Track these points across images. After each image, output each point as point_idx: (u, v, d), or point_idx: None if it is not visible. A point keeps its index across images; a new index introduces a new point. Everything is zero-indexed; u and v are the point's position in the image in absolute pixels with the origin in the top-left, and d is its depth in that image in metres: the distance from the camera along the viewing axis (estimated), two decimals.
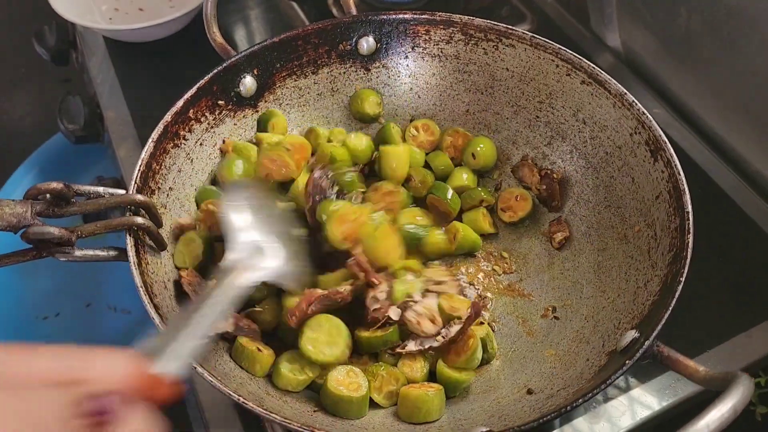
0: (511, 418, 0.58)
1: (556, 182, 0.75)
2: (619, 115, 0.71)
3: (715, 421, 0.41)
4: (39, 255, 0.60)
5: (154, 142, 0.69)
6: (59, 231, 0.57)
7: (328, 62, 0.82)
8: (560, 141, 0.77)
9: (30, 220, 0.56)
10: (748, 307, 0.75)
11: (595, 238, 0.72)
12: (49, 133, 1.30)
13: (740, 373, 0.46)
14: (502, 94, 0.81)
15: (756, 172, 0.86)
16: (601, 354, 0.60)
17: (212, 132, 0.76)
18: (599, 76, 0.72)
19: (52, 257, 0.60)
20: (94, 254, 0.62)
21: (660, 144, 0.66)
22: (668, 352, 0.53)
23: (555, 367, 0.64)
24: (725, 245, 0.80)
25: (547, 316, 0.70)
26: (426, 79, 0.83)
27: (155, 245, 0.66)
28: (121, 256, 0.62)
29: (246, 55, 0.76)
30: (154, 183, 0.69)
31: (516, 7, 1.10)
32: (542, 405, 0.58)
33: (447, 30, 0.80)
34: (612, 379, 0.52)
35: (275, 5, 1.15)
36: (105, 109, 1.00)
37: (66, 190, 0.59)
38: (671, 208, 0.64)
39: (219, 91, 0.76)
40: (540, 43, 0.76)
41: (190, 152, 0.74)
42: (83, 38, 1.11)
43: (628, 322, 0.61)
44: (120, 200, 0.62)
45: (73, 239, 0.58)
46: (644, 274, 0.64)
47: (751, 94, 0.82)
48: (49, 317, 1.18)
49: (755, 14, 0.76)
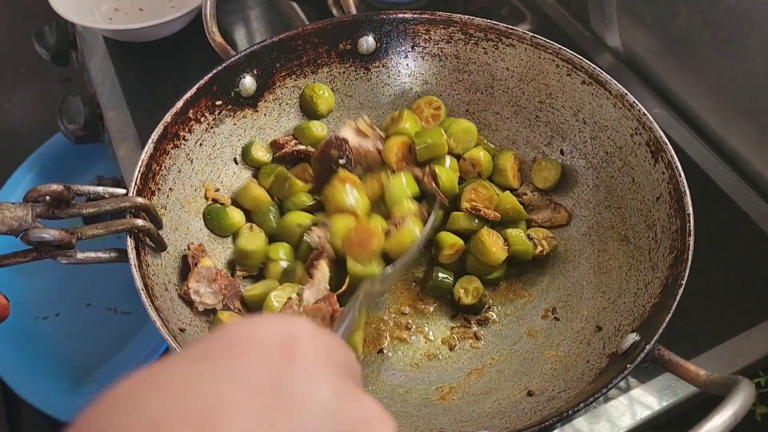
0: (513, 420, 0.58)
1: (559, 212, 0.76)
2: (620, 116, 0.71)
3: (718, 427, 0.41)
4: (40, 256, 0.60)
5: (154, 143, 0.69)
6: (59, 234, 0.57)
7: (327, 62, 0.82)
8: (560, 141, 0.77)
9: (30, 222, 0.56)
10: (748, 307, 0.75)
11: (596, 238, 0.72)
12: (49, 133, 1.30)
13: (741, 378, 0.46)
14: (502, 94, 0.80)
15: (756, 172, 0.86)
16: (601, 356, 0.60)
17: (212, 132, 0.76)
18: (600, 77, 0.72)
19: (53, 260, 0.60)
20: (96, 256, 0.62)
21: (661, 145, 0.66)
22: (669, 356, 0.53)
23: (555, 369, 0.64)
24: (725, 245, 0.80)
25: (547, 317, 0.70)
26: (426, 79, 0.83)
27: (155, 246, 0.66)
28: (121, 257, 0.62)
29: (246, 55, 0.76)
30: (154, 184, 0.68)
31: (516, 7, 1.10)
32: (543, 407, 0.58)
33: (447, 29, 0.80)
34: (614, 383, 0.52)
35: (275, 5, 1.15)
36: (105, 109, 0.99)
37: (66, 192, 0.58)
38: (672, 209, 0.64)
39: (219, 91, 0.75)
40: (540, 43, 0.76)
41: (190, 153, 0.74)
42: (83, 38, 1.11)
43: (628, 324, 0.61)
44: (120, 202, 0.62)
45: (74, 242, 0.58)
46: (645, 275, 0.64)
47: (751, 94, 0.81)
48: (49, 317, 1.18)
49: (755, 14, 0.75)
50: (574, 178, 0.76)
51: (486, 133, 0.82)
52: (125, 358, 1.10)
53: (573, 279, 0.71)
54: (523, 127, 0.80)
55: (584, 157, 0.75)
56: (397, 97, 0.84)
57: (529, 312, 0.71)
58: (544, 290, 0.72)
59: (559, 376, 0.62)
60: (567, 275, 0.72)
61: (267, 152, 0.79)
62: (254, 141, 0.79)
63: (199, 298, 0.66)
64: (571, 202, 0.75)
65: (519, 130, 0.80)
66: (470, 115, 0.82)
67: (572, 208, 0.75)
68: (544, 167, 0.77)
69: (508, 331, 0.70)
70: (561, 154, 0.77)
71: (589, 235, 0.73)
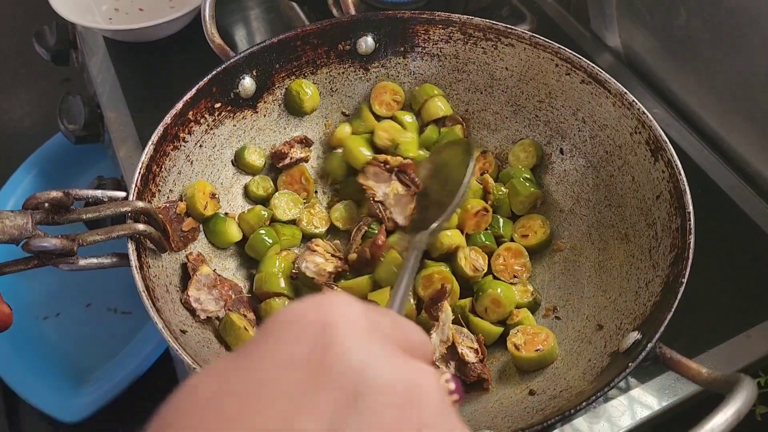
0: (515, 419, 0.58)
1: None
2: (619, 115, 0.71)
3: (720, 425, 0.41)
4: (41, 263, 0.60)
5: (154, 145, 0.69)
6: (61, 242, 0.57)
7: (327, 62, 0.82)
8: (560, 140, 0.77)
9: (31, 231, 0.56)
10: (747, 307, 0.75)
11: (596, 237, 0.72)
12: (49, 133, 1.30)
13: (743, 376, 0.46)
14: (501, 94, 0.81)
15: (756, 172, 0.86)
16: (603, 355, 0.61)
17: (211, 134, 0.76)
18: (599, 76, 0.72)
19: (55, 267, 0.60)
20: (99, 262, 0.62)
21: (660, 144, 0.66)
22: (671, 354, 0.53)
23: (557, 368, 0.64)
24: (725, 245, 0.80)
25: (548, 315, 0.70)
26: (425, 79, 0.83)
27: (157, 249, 0.66)
28: (123, 261, 0.62)
29: (245, 56, 0.76)
30: (155, 186, 0.68)
31: (516, 7, 1.10)
32: (545, 406, 0.58)
33: (446, 29, 0.80)
34: (615, 381, 0.52)
35: (275, 5, 1.14)
36: (105, 109, 0.99)
37: (65, 198, 0.58)
38: (672, 208, 0.64)
39: (218, 92, 0.75)
40: (539, 42, 0.76)
41: (190, 154, 0.74)
42: (83, 38, 1.11)
43: (630, 323, 0.61)
44: (120, 207, 0.62)
45: (75, 249, 0.58)
46: (645, 274, 0.64)
47: (751, 94, 0.82)
48: (49, 317, 1.18)
49: (755, 14, 0.76)
50: (573, 177, 0.76)
51: (485, 132, 0.82)
52: (125, 358, 1.10)
53: (574, 278, 0.71)
54: (523, 127, 0.80)
55: (584, 156, 0.75)
56: None
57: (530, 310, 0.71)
58: (545, 289, 0.73)
59: (561, 374, 0.62)
60: (568, 274, 0.72)
61: (260, 156, 0.79)
62: (247, 145, 0.78)
63: (200, 306, 0.66)
64: (571, 201, 0.76)
65: (518, 129, 0.80)
66: (469, 115, 0.82)
67: (571, 208, 0.75)
68: (520, 150, 0.79)
69: None
70: (561, 153, 0.77)
71: (589, 233, 0.73)
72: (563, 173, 0.77)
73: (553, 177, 0.78)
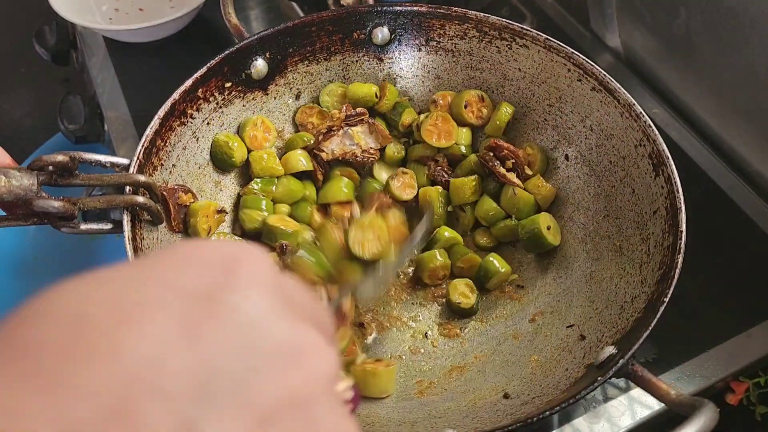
0: (483, 421, 0.58)
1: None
2: (626, 126, 0.70)
3: None
4: (40, 222, 0.62)
5: (160, 119, 0.70)
6: (63, 205, 0.58)
7: (341, 50, 0.82)
8: (566, 146, 0.77)
9: (36, 192, 0.58)
10: (747, 307, 0.75)
11: (591, 247, 0.71)
12: (49, 133, 1.28)
13: (706, 402, 0.46)
14: (513, 94, 0.80)
15: (756, 172, 0.85)
16: (579, 365, 0.60)
17: (220, 112, 0.77)
18: (609, 85, 0.72)
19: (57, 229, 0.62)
20: (99, 228, 0.64)
21: (663, 159, 0.66)
22: (642, 372, 0.53)
23: (535, 374, 0.64)
24: (724, 245, 0.79)
25: (534, 320, 0.70)
26: (438, 74, 0.83)
27: (153, 220, 0.67)
28: (116, 228, 0.64)
29: (259, 38, 0.77)
30: (158, 159, 0.70)
31: (516, 7, 1.09)
32: (516, 411, 0.59)
33: (462, 26, 0.80)
34: (582, 393, 0.52)
35: (275, 5, 1.14)
36: (105, 109, 0.99)
37: (70, 163, 0.60)
38: (666, 225, 0.63)
39: (230, 72, 0.76)
40: (553, 45, 0.75)
41: (197, 131, 0.75)
42: (83, 38, 1.11)
43: (610, 337, 0.61)
44: (123, 179, 0.64)
45: (76, 213, 0.60)
46: (633, 288, 0.63)
47: (751, 94, 0.81)
48: None
49: (755, 14, 0.74)
50: (576, 184, 0.75)
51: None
52: None
53: (565, 286, 0.71)
54: (530, 129, 0.79)
55: (588, 164, 0.75)
56: (409, 89, 0.84)
57: (518, 315, 0.71)
58: (536, 295, 0.73)
59: (537, 381, 0.63)
60: (559, 281, 0.72)
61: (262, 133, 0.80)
62: (249, 119, 0.79)
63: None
64: (571, 208, 0.75)
65: (526, 131, 0.80)
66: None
67: (572, 213, 0.75)
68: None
69: (494, 331, 0.71)
70: (566, 159, 0.77)
71: (585, 242, 0.72)
72: (566, 179, 0.77)
73: (556, 182, 0.77)
